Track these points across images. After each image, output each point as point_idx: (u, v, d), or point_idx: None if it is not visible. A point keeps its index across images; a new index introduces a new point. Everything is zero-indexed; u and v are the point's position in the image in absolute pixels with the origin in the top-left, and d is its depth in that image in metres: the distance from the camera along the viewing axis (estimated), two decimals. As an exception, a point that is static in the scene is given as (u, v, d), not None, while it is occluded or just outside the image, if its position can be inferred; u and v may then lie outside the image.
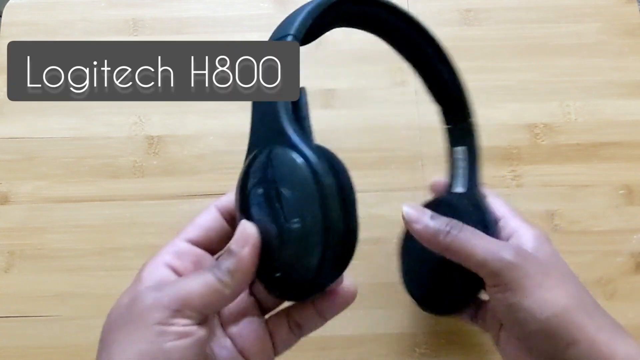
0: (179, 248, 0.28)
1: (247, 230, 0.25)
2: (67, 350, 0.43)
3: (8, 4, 0.55)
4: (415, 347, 0.43)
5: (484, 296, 0.33)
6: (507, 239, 0.33)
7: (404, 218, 0.32)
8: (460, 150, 0.37)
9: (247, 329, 0.29)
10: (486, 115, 0.50)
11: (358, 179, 0.51)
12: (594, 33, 0.53)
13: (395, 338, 0.43)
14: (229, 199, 0.29)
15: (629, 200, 0.47)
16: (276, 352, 0.29)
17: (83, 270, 0.45)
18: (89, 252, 0.45)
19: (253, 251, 0.25)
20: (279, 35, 0.28)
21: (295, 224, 0.24)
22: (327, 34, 0.55)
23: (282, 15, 0.31)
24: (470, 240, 0.30)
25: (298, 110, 0.28)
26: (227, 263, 0.25)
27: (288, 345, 0.29)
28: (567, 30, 0.53)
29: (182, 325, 0.24)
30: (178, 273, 0.27)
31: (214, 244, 0.29)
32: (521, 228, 0.33)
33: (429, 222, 0.31)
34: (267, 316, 0.30)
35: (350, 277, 0.28)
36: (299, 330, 0.29)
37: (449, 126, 0.38)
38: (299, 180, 0.24)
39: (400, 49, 0.36)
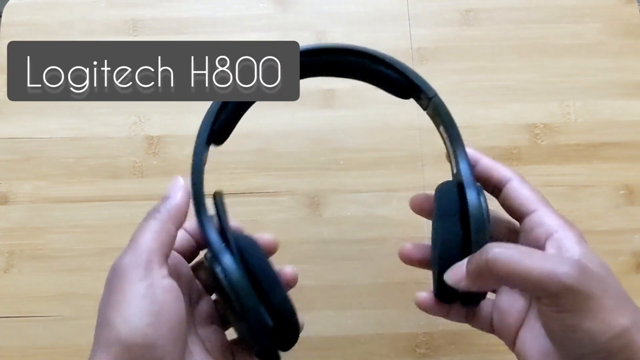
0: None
1: (180, 181, 0.31)
2: (67, 350, 0.43)
3: (8, 4, 0.54)
4: (415, 347, 0.43)
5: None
6: (544, 241, 0.29)
7: (446, 280, 0.29)
8: (442, 129, 0.36)
9: (213, 335, 0.31)
10: (486, 115, 0.50)
11: (358, 179, 0.51)
12: (594, 33, 0.53)
13: (395, 338, 0.43)
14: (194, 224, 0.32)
15: (629, 200, 0.47)
16: None
17: (83, 270, 0.45)
18: (89, 252, 0.45)
19: (185, 194, 0.30)
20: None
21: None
22: (328, 34, 0.55)
23: (281, 15, 0.31)
24: (517, 260, 0.26)
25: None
26: (167, 205, 0.30)
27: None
28: (567, 30, 0.53)
29: (156, 268, 0.27)
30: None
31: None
32: (561, 228, 0.29)
33: (466, 276, 0.28)
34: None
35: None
36: None
37: (425, 111, 0.37)
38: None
39: (342, 74, 0.36)
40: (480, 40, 0.53)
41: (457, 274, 0.29)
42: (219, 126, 0.31)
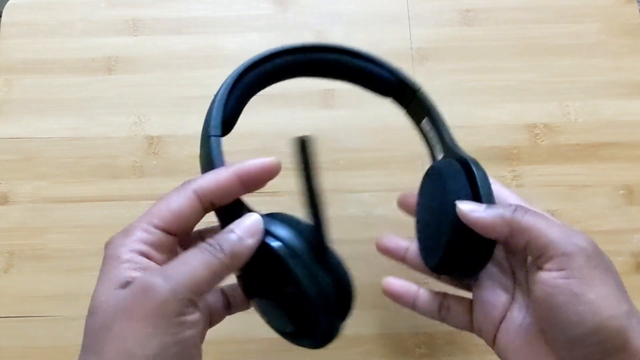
0: (155, 238, 0.26)
1: (257, 225, 0.26)
2: (67, 350, 0.43)
3: (8, 4, 0.55)
4: (415, 347, 0.43)
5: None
6: None
7: (459, 211, 0.30)
8: (425, 123, 0.37)
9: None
10: (486, 115, 0.50)
11: (358, 179, 0.51)
12: (594, 33, 0.53)
13: (395, 338, 0.43)
14: (209, 183, 0.27)
15: (629, 200, 0.47)
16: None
17: (83, 270, 0.45)
18: (89, 252, 0.45)
19: (256, 244, 0.26)
20: (203, 133, 0.30)
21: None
22: (328, 34, 0.55)
23: (281, 15, 0.31)
24: (542, 221, 0.28)
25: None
26: (231, 246, 0.25)
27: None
28: (567, 30, 0.53)
29: (193, 312, 0.24)
30: (148, 265, 0.26)
31: (185, 231, 0.27)
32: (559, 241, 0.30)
33: (486, 209, 0.29)
34: None
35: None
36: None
37: (406, 109, 0.38)
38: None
39: (324, 75, 0.36)
40: (480, 40, 0.53)
41: (474, 208, 0.29)
42: (226, 116, 0.31)
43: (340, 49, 0.35)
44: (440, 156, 0.36)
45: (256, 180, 0.28)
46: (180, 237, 0.27)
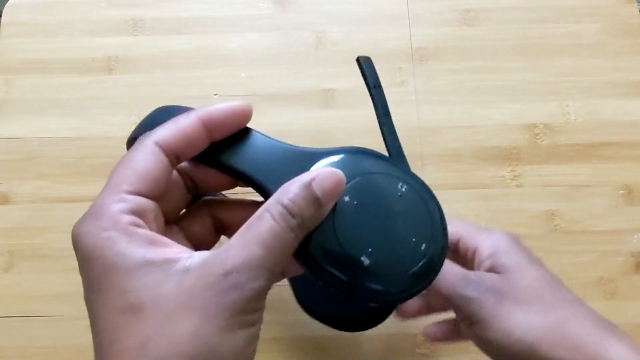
0: (134, 205, 0.21)
1: (343, 180, 0.22)
2: (67, 350, 0.43)
3: (8, 4, 0.55)
4: (415, 347, 0.43)
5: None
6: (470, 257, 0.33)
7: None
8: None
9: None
10: (486, 115, 0.50)
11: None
12: (594, 33, 0.53)
13: (395, 338, 0.43)
14: (171, 131, 0.22)
15: (629, 200, 0.47)
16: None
17: (83, 270, 0.45)
18: (89, 252, 0.45)
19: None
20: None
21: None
22: (328, 34, 0.55)
23: (281, 15, 0.30)
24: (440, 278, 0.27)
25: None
26: (308, 212, 0.21)
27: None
28: (567, 30, 0.53)
29: (263, 304, 0.21)
30: (152, 236, 0.21)
31: (158, 194, 0.22)
32: (481, 241, 0.32)
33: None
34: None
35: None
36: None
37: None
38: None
39: None
40: (480, 40, 0.53)
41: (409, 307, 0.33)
42: None
43: None
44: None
45: (223, 127, 0.23)
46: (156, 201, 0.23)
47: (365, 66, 0.27)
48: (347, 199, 0.23)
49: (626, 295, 0.44)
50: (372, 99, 0.26)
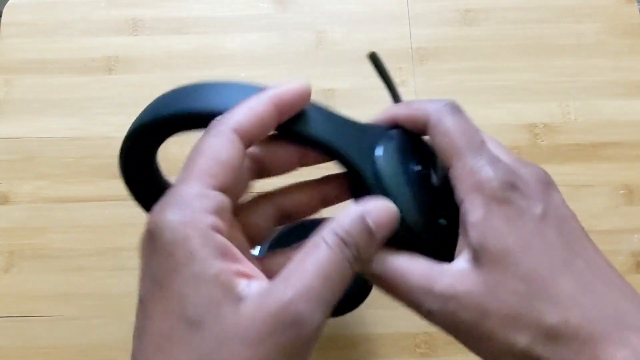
0: (216, 203, 0.19)
1: (396, 215, 0.21)
2: (67, 350, 0.43)
3: (8, 4, 0.55)
4: (415, 347, 0.43)
5: None
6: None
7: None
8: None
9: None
10: (486, 115, 0.50)
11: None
12: (594, 33, 0.53)
13: (395, 338, 0.43)
14: (247, 117, 0.21)
15: (629, 200, 0.47)
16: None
17: (83, 270, 0.45)
18: (89, 252, 0.45)
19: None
20: None
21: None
22: (328, 34, 0.55)
23: (281, 15, 0.30)
24: (403, 269, 0.22)
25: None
26: (362, 244, 0.20)
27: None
28: (567, 30, 0.53)
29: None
30: (225, 245, 0.19)
31: (239, 188, 0.22)
32: (468, 201, 0.22)
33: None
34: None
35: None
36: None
37: None
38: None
39: None
40: (480, 40, 0.53)
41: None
42: None
43: None
44: None
45: (291, 108, 0.22)
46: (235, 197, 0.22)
47: (379, 62, 0.27)
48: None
49: (626, 295, 0.44)
50: (394, 96, 0.26)
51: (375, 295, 0.44)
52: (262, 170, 0.24)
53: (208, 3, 0.54)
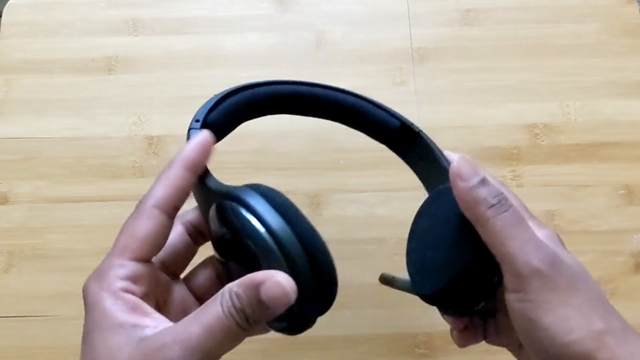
0: (130, 271, 0.24)
1: (290, 293, 0.22)
2: (67, 350, 0.43)
3: (8, 4, 0.55)
4: (415, 347, 0.43)
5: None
6: None
7: (452, 169, 0.26)
8: (421, 162, 0.35)
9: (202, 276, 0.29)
10: (486, 115, 0.50)
11: (358, 179, 0.51)
12: (594, 33, 0.53)
13: (395, 338, 0.43)
14: (167, 191, 0.26)
15: (629, 200, 0.47)
16: None
17: (83, 270, 0.45)
18: (89, 252, 0.45)
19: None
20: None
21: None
22: (328, 34, 0.55)
23: (281, 15, 0.31)
24: (510, 227, 0.25)
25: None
26: (250, 311, 0.22)
27: None
28: (567, 30, 0.53)
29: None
30: (135, 302, 0.24)
31: (159, 249, 0.26)
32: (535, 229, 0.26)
33: (478, 186, 0.25)
34: None
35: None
36: None
37: (408, 158, 0.36)
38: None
39: (324, 114, 0.36)
40: (480, 40, 0.53)
41: (467, 179, 0.26)
42: (215, 118, 0.30)
43: (346, 91, 0.35)
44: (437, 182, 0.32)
45: (200, 162, 0.26)
46: (170, 270, 0.28)
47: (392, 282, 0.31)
48: None
49: (626, 295, 0.44)
50: None
51: (376, 295, 0.44)
52: (201, 236, 0.29)
53: (208, 3, 0.54)
